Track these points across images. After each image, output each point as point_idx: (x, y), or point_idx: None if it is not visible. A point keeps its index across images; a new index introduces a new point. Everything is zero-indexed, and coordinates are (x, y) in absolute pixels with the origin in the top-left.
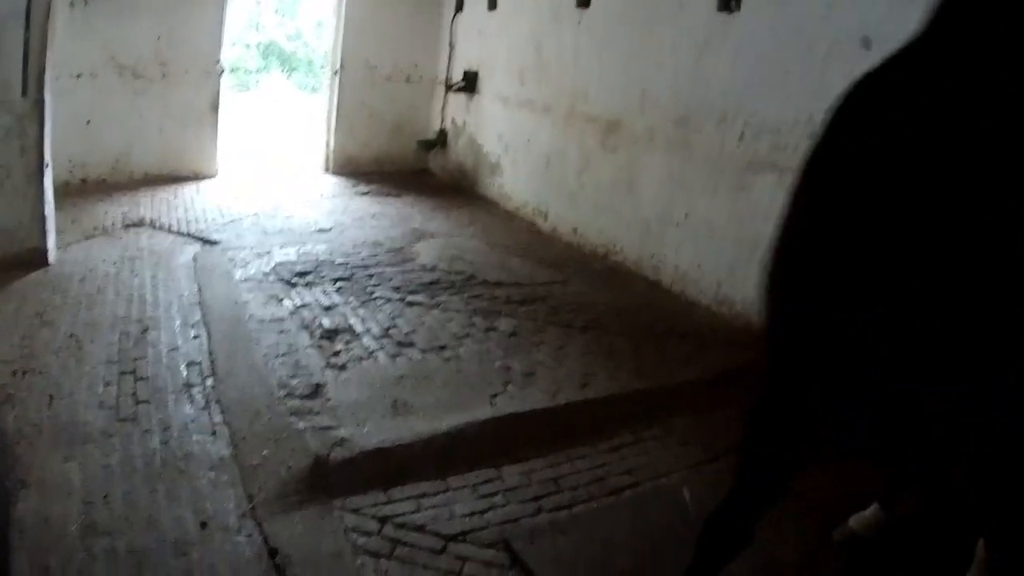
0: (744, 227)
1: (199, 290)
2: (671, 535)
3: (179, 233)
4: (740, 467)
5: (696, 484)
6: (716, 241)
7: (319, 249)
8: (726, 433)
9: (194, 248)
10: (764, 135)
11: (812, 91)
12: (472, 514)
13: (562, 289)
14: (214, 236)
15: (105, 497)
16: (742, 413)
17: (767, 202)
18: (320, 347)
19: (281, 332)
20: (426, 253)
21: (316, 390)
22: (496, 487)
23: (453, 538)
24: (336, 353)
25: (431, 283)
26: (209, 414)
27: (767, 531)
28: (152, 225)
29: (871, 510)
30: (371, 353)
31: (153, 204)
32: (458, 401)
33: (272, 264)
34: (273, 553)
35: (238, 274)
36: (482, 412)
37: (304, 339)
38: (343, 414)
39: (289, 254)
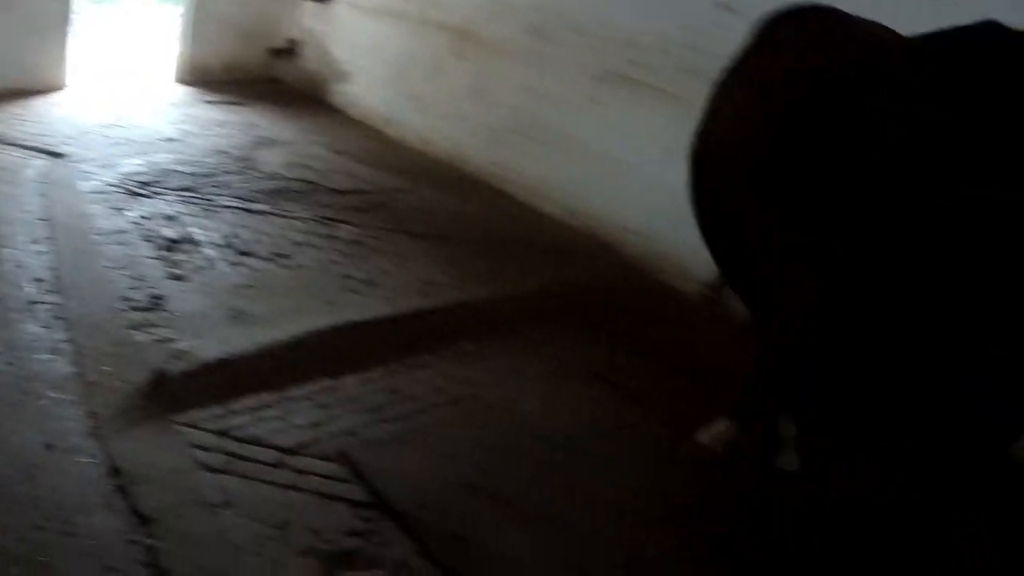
0: (597, 140)
1: (46, 204)
2: (514, 447)
3: (26, 147)
4: None
5: (536, 396)
6: (567, 153)
7: (164, 159)
8: (570, 345)
9: (42, 162)
10: (620, 48)
11: (670, 4)
12: (311, 425)
13: (407, 197)
14: (62, 149)
15: None
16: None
17: (621, 116)
18: (161, 258)
19: (123, 244)
20: (271, 161)
21: (156, 302)
22: (335, 397)
23: (291, 451)
24: (177, 264)
25: (274, 191)
26: (53, 331)
27: None
28: None
29: (720, 424)
30: (212, 263)
31: (0, 118)
32: (299, 310)
33: (118, 175)
34: (115, 472)
35: (84, 186)
36: (322, 320)
37: (146, 250)
38: (183, 326)
39: (135, 164)
